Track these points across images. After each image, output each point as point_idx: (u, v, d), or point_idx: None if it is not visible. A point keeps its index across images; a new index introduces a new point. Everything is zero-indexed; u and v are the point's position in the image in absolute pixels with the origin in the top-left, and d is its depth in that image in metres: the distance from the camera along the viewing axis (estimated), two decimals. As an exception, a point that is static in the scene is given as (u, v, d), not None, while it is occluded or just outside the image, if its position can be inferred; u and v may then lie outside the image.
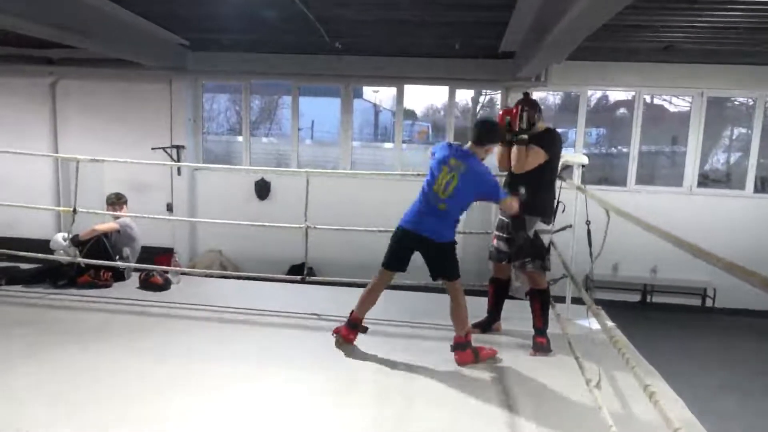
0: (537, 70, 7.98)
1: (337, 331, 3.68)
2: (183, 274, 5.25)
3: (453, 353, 3.48)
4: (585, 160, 4.06)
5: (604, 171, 9.71)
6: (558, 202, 3.84)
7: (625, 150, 9.31)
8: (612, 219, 3.08)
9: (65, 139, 9.42)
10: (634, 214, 2.35)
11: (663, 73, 8.36)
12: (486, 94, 10.69)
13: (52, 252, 4.70)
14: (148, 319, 4.10)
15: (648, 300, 8.93)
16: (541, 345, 3.72)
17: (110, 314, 4.16)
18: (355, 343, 3.66)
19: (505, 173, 3.86)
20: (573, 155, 4.17)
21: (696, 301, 8.87)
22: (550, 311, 3.81)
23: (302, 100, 9.61)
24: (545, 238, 3.69)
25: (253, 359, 3.45)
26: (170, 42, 8.30)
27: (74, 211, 4.62)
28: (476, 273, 6.43)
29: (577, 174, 4.12)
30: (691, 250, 1.69)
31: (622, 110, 9.90)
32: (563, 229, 4.14)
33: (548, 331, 3.78)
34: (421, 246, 3.52)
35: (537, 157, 3.61)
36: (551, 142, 3.67)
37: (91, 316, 4.12)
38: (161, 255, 7.63)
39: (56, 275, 4.61)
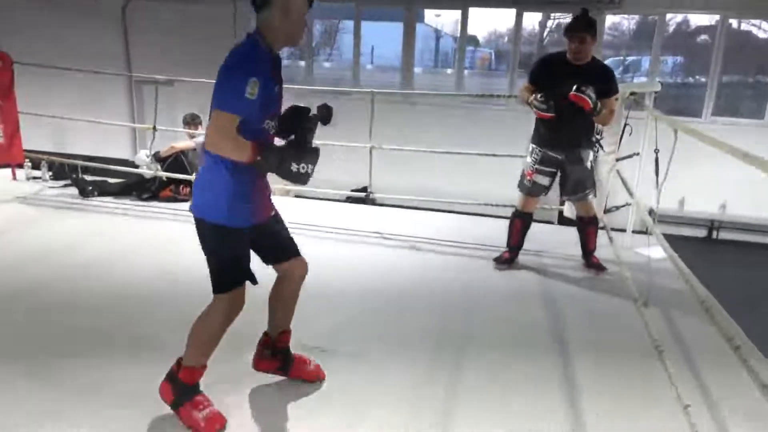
0: (612, -9, 7.52)
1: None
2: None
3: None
4: (657, 87, 3.93)
5: (679, 102, 9.24)
6: (625, 125, 3.77)
7: (703, 80, 8.78)
8: (680, 151, 2.93)
9: (138, 61, 9.76)
10: (706, 146, 2.18)
11: (753, -6, 7.71)
12: (554, 18, 10.19)
13: (136, 167, 5.07)
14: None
15: (714, 236, 8.68)
16: (599, 264, 3.82)
17: (188, 224, 4.49)
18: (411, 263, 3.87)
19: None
20: (644, 82, 4.02)
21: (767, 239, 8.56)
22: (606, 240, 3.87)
23: (363, 24, 9.48)
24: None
25: (319, 274, 3.69)
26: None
27: (154, 128, 4.96)
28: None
29: (648, 101, 4.01)
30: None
31: (703, 37, 9.26)
32: (629, 156, 4.08)
33: (606, 257, 3.85)
34: None
35: (614, 106, 3.48)
36: (614, 79, 3.49)
37: (171, 225, 4.50)
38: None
39: (140, 189, 5.01)
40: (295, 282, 2.30)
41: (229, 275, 2.05)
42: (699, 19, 9.04)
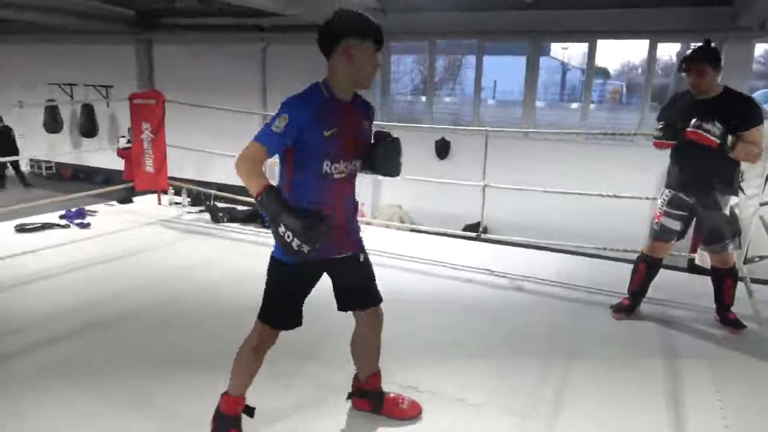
0: (762, 15, 6.84)
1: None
2: (366, 224, 5.70)
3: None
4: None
5: None
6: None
7: None
8: None
9: (273, 99, 10.58)
10: None
11: None
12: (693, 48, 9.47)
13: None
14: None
15: None
16: (737, 320, 3.39)
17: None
18: (520, 303, 3.72)
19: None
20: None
21: None
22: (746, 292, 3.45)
23: (485, 59, 9.50)
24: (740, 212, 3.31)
25: (426, 305, 3.68)
26: (365, 5, 8.75)
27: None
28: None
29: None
30: None
31: None
32: (777, 200, 3.62)
33: (745, 314, 3.42)
34: None
35: (761, 138, 3.08)
36: (752, 108, 3.09)
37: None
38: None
39: (264, 216, 5.36)
40: (373, 333, 2.29)
41: (269, 307, 2.10)
42: None
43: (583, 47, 8.96)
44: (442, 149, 9.47)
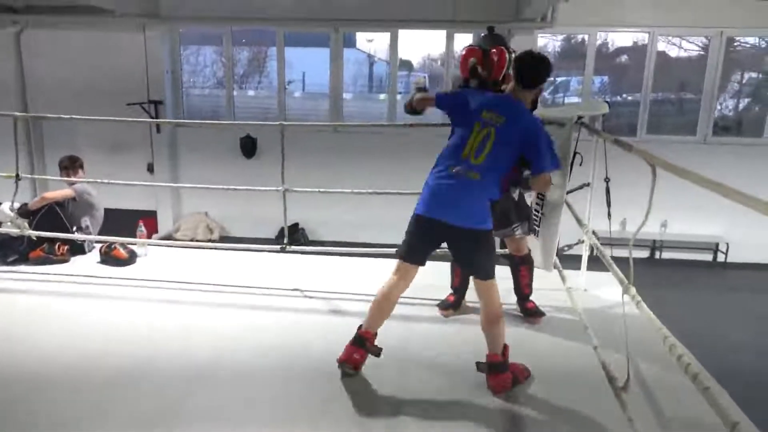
0: (542, 10, 7.29)
1: (342, 360, 2.61)
2: (154, 245, 4.78)
3: (486, 375, 2.52)
4: (606, 109, 3.45)
5: (610, 121, 9.15)
6: (575, 154, 3.27)
7: (630, 98, 8.78)
8: (617, 174, 3.17)
9: (35, 95, 8.75)
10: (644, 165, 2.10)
11: (680, 10, 7.68)
12: (485, 40, 9.96)
13: (-1, 224, 4.15)
14: (103, 299, 3.55)
15: (657, 256, 8.53)
16: (537, 309, 3.34)
17: (57, 296, 3.63)
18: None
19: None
20: (592, 102, 3.59)
21: (707, 257, 8.48)
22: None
23: (293, 50, 8.99)
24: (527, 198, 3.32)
25: (221, 349, 3.00)
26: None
27: (17, 177, 4.00)
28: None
29: (598, 125, 3.55)
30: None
31: (624, 57, 9.32)
32: (580, 187, 3.60)
33: (557, 305, 3.44)
34: (451, 237, 2.59)
35: None
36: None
37: (33, 297, 3.60)
38: (144, 218, 7.12)
39: (5, 250, 4.09)
40: None
41: (494, 263, 2.62)
42: (621, 40, 9.05)
43: (387, 40, 8.82)
44: (249, 147, 8.69)
